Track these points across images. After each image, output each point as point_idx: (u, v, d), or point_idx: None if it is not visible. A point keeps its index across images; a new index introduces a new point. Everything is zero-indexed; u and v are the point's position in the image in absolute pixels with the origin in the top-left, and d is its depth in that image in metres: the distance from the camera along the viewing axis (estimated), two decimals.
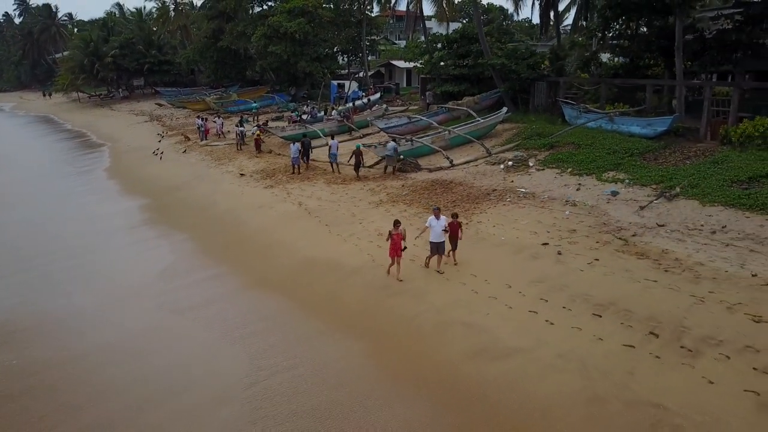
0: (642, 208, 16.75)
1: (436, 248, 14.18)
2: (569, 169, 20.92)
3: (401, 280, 13.98)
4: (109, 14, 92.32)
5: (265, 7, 55.72)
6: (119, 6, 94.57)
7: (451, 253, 14.61)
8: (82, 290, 16.12)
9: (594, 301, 12.00)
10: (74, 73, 67.94)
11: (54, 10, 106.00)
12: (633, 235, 15.10)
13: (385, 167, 24.49)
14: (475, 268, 14.29)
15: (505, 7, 56.24)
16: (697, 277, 12.60)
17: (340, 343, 12.01)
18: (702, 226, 15.13)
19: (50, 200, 27.64)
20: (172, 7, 68.99)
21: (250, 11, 56.75)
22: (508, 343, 11.03)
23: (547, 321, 11.54)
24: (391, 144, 24.19)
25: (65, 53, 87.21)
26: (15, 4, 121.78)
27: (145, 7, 74.24)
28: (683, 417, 8.66)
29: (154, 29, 71.76)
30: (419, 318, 12.53)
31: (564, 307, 11.93)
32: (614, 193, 18.09)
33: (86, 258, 18.83)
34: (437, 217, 14.11)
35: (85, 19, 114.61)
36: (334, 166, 25.32)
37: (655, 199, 17.14)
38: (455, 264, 14.53)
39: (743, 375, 9.38)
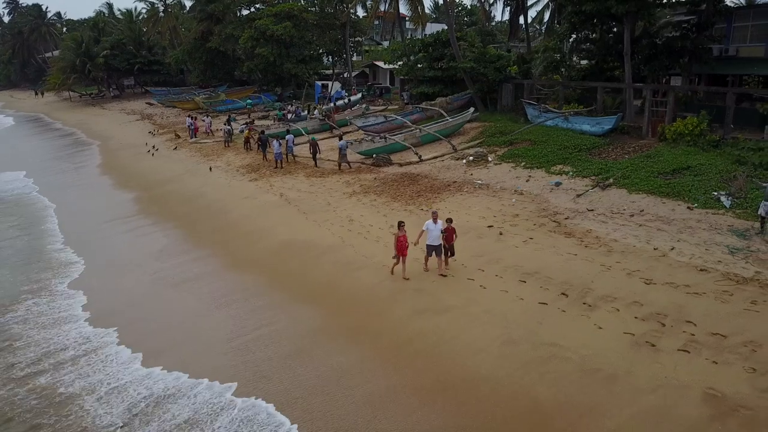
0: (578, 196, 19.22)
1: (433, 251, 14.57)
2: (522, 163, 23.36)
3: (408, 279, 14.58)
4: (99, 14, 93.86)
5: (252, 10, 57.74)
6: (109, 6, 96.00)
7: (450, 258, 14.98)
8: (90, 266, 18.30)
9: (522, 271, 14.41)
10: (66, 73, 69.57)
11: (44, 9, 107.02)
12: (566, 219, 17.56)
13: (339, 163, 27.06)
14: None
15: (488, 9, 57.47)
16: (610, 251, 15.07)
17: (309, 307, 14.26)
18: (624, 210, 17.62)
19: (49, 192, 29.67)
20: (161, 8, 70.84)
21: (238, 14, 58.76)
22: (447, 302, 13.39)
23: (480, 286, 13.93)
24: (342, 142, 27.13)
25: (56, 53, 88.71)
26: (4, 3, 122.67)
27: (136, 8, 75.41)
28: (573, 352, 11.06)
29: (144, 30, 73.49)
30: (378, 286, 14.84)
31: (496, 275, 14.32)
32: (557, 184, 20.54)
33: (86, 242, 20.97)
34: (434, 221, 14.44)
35: (75, 18, 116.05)
36: (290, 156, 28.60)
37: (591, 189, 19.62)
38: (447, 268, 14.90)
39: (626, 322, 11.81)
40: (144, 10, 74.56)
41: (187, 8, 72.87)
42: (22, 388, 11.73)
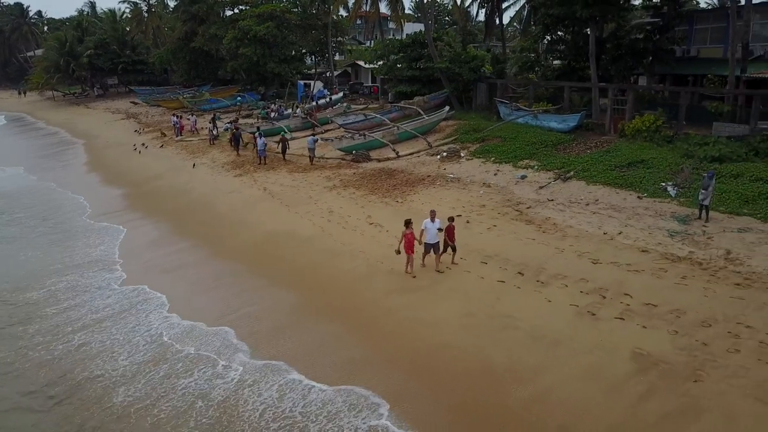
0: (541, 187, 20.78)
1: (431, 248, 15.01)
2: (492, 159, 24.90)
3: (414, 276, 15.03)
4: (81, 13, 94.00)
5: (236, 10, 58.72)
6: (92, 5, 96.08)
7: (452, 254, 15.46)
8: (82, 254, 19.47)
9: (484, 254, 15.90)
10: (49, 73, 69.98)
11: (25, 8, 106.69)
12: (528, 208, 19.10)
13: (311, 158, 28.78)
14: (400, 233, 17.98)
15: (467, 10, 58.96)
16: (565, 236, 16.63)
17: (292, 289, 15.59)
18: (581, 200, 19.21)
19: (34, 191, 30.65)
20: (145, 8, 71.49)
21: (222, 14, 59.69)
22: (416, 282, 14.83)
23: (447, 267, 15.37)
24: (310, 139, 29.05)
25: (38, 52, 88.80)
26: None
27: (120, 8, 75.87)
28: (524, 322, 12.55)
29: (128, 29, 74.04)
30: (354, 270, 16.23)
31: (461, 258, 15.77)
32: (523, 177, 22.09)
33: (77, 234, 22.10)
34: (432, 220, 14.91)
35: (56, 17, 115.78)
36: (262, 159, 29.79)
37: (553, 181, 21.19)
38: (455, 264, 15.43)
39: (573, 296, 13.34)
40: (128, 10, 75.15)
41: (171, 8, 73.53)
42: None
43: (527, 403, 10.13)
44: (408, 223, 14.90)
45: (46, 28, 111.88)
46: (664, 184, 19.14)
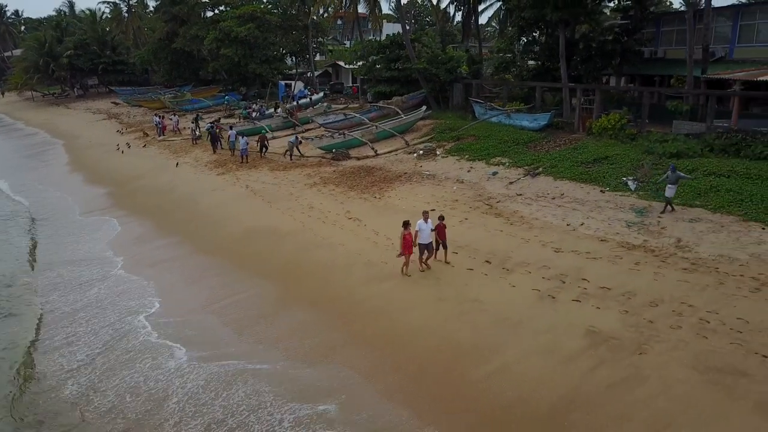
0: (511, 183, 21.88)
1: (426, 248, 15.27)
2: (466, 156, 25.97)
3: (409, 275, 15.28)
4: (60, 13, 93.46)
5: (217, 11, 59.22)
6: (70, 5, 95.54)
7: (443, 252, 15.72)
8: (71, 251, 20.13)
9: (456, 245, 16.85)
10: (29, 73, 69.77)
11: (3, 8, 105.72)
12: (497, 202, 20.18)
13: (291, 155, 30.10)
14: (377, 227, 19.02)
15: (446, 10, 60.00)
16: (531, 227, 17.72)
17: (274, 280, 16.45)
18: (548, 194, 20.33)
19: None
20: (125, 9, 71.56)
21: (203, 15, 60.11)
22: (389, 271, 15.77)
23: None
24: (292, 138, 30.74)
25: (15, 52, 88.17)
26: None
27: (100, 8, 75.76)
28: (489, 305, 13.58)
29: (108, 30, 74.01)
30: (333, 261, 17.12)
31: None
32: (494, 173, 23.17)
33: (65, 231, 22.72)
34: (425, 220, 15.10)
35: (33, 17, 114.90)
36: (244, 157, 30.68)
37: (523, 177, 22.30)
38: (447, 263, 15.70)
39: (535, 281, 14.40)
40: (107, 11, 75.14)
41: (151, 8, 73.70)
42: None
43: (489, 376, 11.13)
44: (406, 225, 14.93)
45: (23, 27, 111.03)
46: (625, 178, 20.33)
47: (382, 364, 11.91)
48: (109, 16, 75.08)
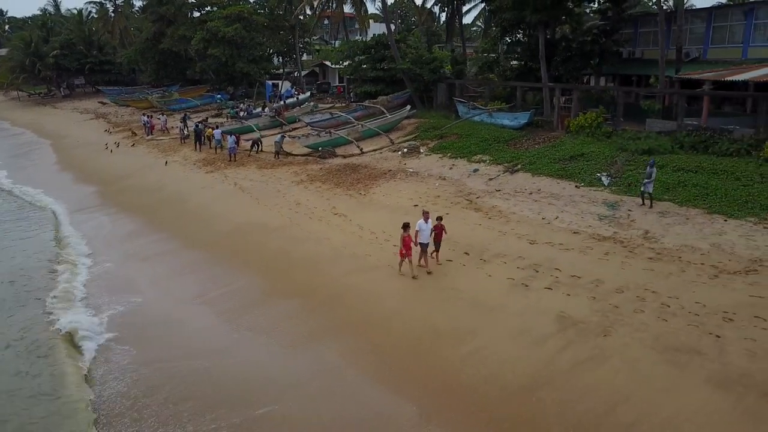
0: (491, 179, 22.72)
1: (424, 248, 15.46)
2: (449, 154, 26.78)
3: (415, 277, 15.27)
4: (45, 12, 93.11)
5: (204, 12, 59.61)
6: (56, 4, 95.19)
7: (434, 253, 15.87)
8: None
9: None
10: (14, 73, 69.68)
11: None
12: (477, 198, 21.01)
13: (277, 154, 30.71)
14: (362, 222, 19.76)
15: (431, 11, 60.80)
16: (508, 221, 18.56)
17: (262, 272, 17.13)
18: (525, 189, 21.20)
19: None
20: (111, 9, 71.65)
21: (190, 15, 60.47)
22: (373, 263, 16.55)
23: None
24: (278, 137, 31.59)
25: (1, 52, 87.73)
26: None
27: (86, 8, 75.59)
28: (466, 293, 14.38)
29: (94, 29, 74.04)
30: (319, 254, 17.83)
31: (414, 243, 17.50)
32: (475, 170, 24.00)
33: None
34: (426, 220, 15.27)
35: (18, 16, 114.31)
36: (232, 156, 31.37)
37: (502, 174, 23.14)
38: (438, 264, 15.90)
39: (510, 271, 15.22)
40: (94, 10, 75.16)
41: (137, 8, 73.91)
42: None
43: (464, 357, 11.92)
44: (406, 227, 15.06)
45: (7, 27, 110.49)
46: (599, 174, 21.23)
47: (364, 346, 12.67)
48: (95, 15, 75.10)
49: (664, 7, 31.97)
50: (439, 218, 15.96)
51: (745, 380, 10.36)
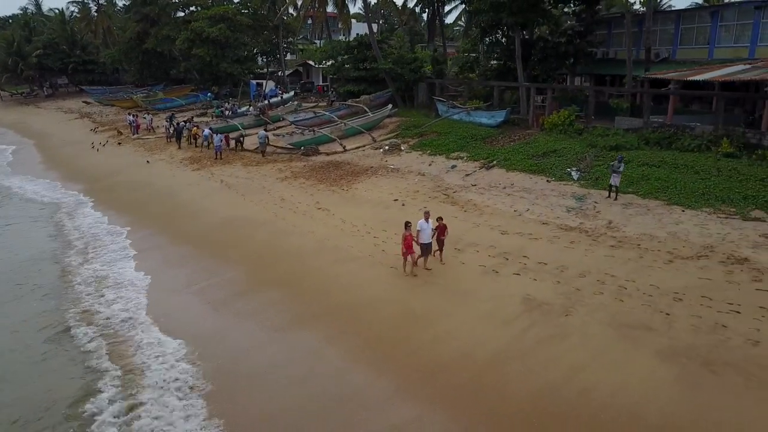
0: (467, 175, 23.78)
1: (426, 248, 15.65)
2: (428, 151, 27.82)
3: (416, 275, 15.64)
4: (26, 12, 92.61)
5: (188, 12, 60.08)
6: (37, 4, 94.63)
7: (437, 252, 16.24)
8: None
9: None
10: None
11: None
12: (454, 192, 22.06)
13: (263, 152, 31.62)
14: (345, 216, 20.70)
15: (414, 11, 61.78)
16: (482, 213, 19.62)
17: (248, 264, 17.94)
18: (500, 184, 22.29)
19: None
20: (94, 8, 71.74)
21: (173, 15, 60.90)
22: (355, 254, 17.49)
23: (383, 241, 18.09)
24: (262, 132, 32.40)
25: None
26: None
27: (68, 8, 75.65)
28: (440, 279, 15.39)
29: (76, 29, 74.04)
30: (304, 246, 18.74)
31: (395, 233, 18.43)
32: (453, 167, 25.06)
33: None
34: (426, 220, 15.47)
35: None
36: (218, 154, 32.18)
37: (478, 169, 24.21)
38: (442, 263, 16.22)
39: (482, 259, 16.27)
40: (76, 10, 75.14)
41: (120, 7, 73.94)
42: None
43: (436, 337, 12.91)
44: (407, 225, 15.27)
45: None
46: (569, 169, 22.39)
47: (345, 330, 13.58)
48: (77, 15, 75.08)
49: (635, 8, 33.38)
50: (440, 218, 16.16)
51: (689, 352, 11.50)
